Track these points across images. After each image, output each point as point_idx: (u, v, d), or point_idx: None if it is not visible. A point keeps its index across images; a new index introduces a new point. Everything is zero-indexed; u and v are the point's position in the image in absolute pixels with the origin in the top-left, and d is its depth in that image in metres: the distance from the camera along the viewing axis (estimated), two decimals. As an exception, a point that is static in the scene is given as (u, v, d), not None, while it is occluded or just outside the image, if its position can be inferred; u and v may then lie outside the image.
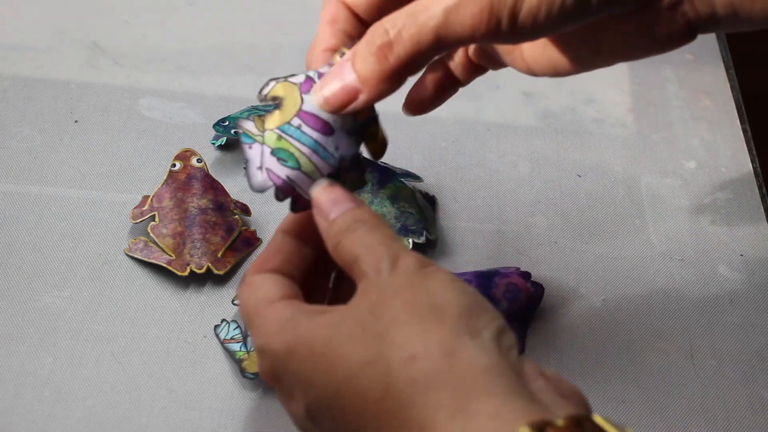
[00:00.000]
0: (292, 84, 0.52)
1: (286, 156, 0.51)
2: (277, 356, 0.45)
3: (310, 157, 0.51)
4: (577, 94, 0.83)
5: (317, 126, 0.51)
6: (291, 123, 0.51)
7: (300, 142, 0.51)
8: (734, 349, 0.65)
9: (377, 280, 0.45)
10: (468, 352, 0.41)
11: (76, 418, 0.58)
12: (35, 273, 0.65)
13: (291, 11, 0.89)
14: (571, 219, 0.73)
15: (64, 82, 0.79)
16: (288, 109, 0.51)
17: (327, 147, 0.52)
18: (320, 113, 0.51)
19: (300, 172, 0.51)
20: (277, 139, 0.51)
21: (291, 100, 0.51)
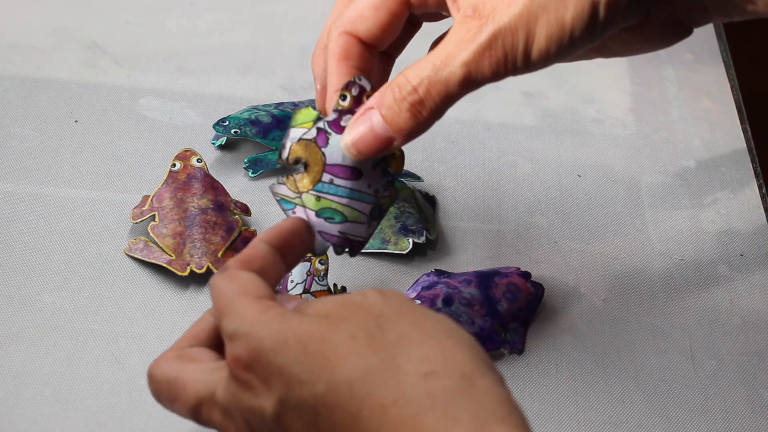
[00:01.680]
0: (308, 141, 0.54)
1: (331, 213, 0.54)
2: (261, 345, 0.44)
3: (351, 206, 0.54)
4: (577, 94, 0.83)
5: (347, 175, 0.54)
6: (323, 180, 0.54)
7: (338, 196, 0.54)
8: (734, 349, 0.65)
9: (367, 301, 0.46)
10: (486, 381, 0.43)
11: (76, 418, 0.58)
12: (35, 273, 0.65)
13: (291, 11, 0.89)
14: (571, 219, 0.73)
15: (64, 82, 0.79)
16: (314, 167, 0.54)
17: (362, 189, 0.54)
18: (344, 162, 0.53)
19: (348, 222, 0.54)
20: (317, 200, 0.54)
21: (313, 157, 0.54)
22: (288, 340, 0.44)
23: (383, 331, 0.44)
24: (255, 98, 0.79)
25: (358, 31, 0.54)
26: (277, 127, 0.74)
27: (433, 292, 0.63)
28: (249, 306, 0.46)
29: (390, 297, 0.46)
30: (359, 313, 0.45)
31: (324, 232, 0.54)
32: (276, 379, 0.44)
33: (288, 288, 0.63)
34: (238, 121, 0.74)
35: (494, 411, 0.42)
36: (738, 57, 0.88)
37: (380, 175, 0.55)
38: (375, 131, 0.52)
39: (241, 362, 0.45)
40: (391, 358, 0.43)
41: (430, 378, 0.42)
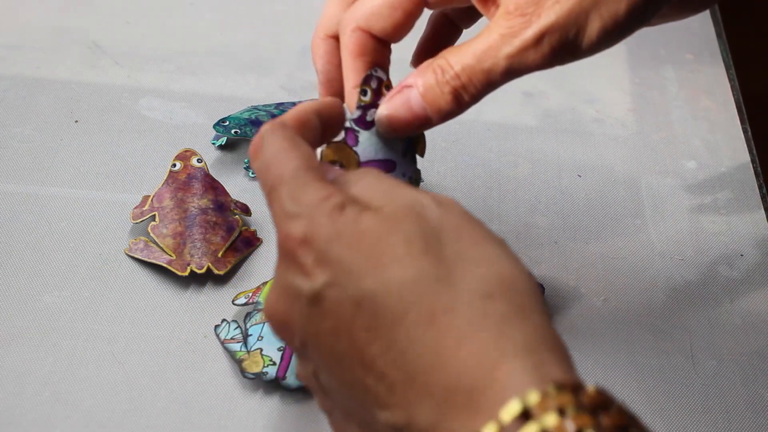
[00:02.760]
0: (338, 144, 0.54)
1: None
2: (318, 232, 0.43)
3: None
4: (578, 94, 0.83)
5: (382, 168, 0.55)
6: None
7: None
8: (734, 349, 0.65)
9: (425, 210, 0.45)
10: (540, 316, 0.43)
11: (76, 418, 0.58)
12: (35, 273, 0.65)
13: (291, 11, 0.89)
14: (571, 219, 0.73)
15: (64, 82, 0.79)
16: (349, 168, 0.54)
17: (397, 179, 0.54)
18: (377, 156, 0.54)
19: None
20: None
21: (346, 158, 0.54)
22: (344, 234, 0.43)
23: (441, 245, 0.43)
24: (255, 98, 0.79)
25: (373, 28, 0.54)
26: (277, 127, 0.74)
27: (434, 292, 0.63)
28: (312, 188, 0.45)
29: (449, 210, 0.45)
30: (418, 219, 0.44)
31: None
32: (324, 264, 0.43)
33: None
34: (238, 121, 0.74)
35: (545, 340, 0.42)
36: (738, 57, 0.88)
37: (410, 162, 0.57)
38: (412, 108, 0.53)
39: (295, 240, 0.44)
40: (447, 271, 0.42)
41: (487, 299, 0.41)
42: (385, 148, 0.55)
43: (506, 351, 0.40)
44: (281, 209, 0.45)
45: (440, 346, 0.41)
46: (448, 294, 0.42)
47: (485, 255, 0.43)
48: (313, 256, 0.44)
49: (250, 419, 0.59)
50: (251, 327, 0.62)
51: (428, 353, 0.41)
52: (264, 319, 0.62)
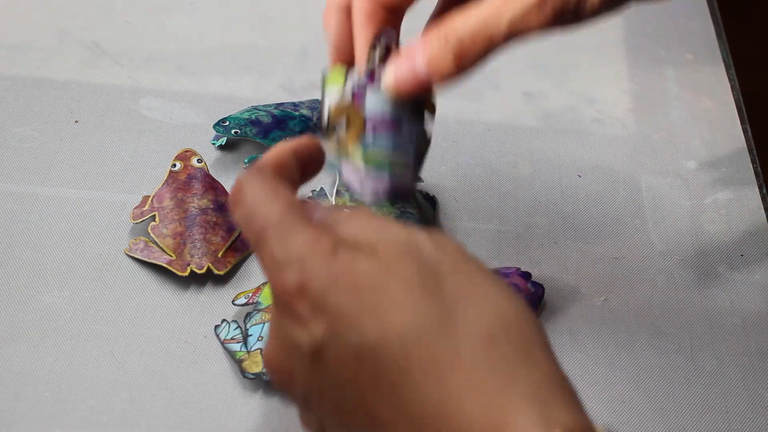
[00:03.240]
0: (345, 105, 0.56)
1: (378, 165, 0.56)
2: (312, 280, 0.42)
3: (395, 156, 0.56)
4: (578, 94, 0.83)
5: (388, 127, 0.56)
6: (365, 135, 0.55)
7: (382, 148, 0.56)
8: (734, 349, 0.65)
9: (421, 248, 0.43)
10: (543, 352, 0.42)
11: (76, 418, 0.58)
12: (35, 273, 0.65)
13: (291, 11, 0.89)
14: (571, 219, 0.73)
15: (64, 82, 0.79)
16: (356, 125, 0.55)
17: (403, 140, 0.56)
18: (384, 115, 0.55)
19: (396, 172, 0.56)
20: (363, 155, 0.56)
21: (353, 116, 0.56)
22: (339, 281, 0.42)
23: (440, 285, 0.42)
24: (255, 98, 0.79)
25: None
26: (278, 127, 0.74)
27: (434, 292, 0.63)
28: (300, 233, 0.44)
29: (445, 248, 0.44)
30: (414, 260, 0.43)
31: (374, 186, 0.56)
32: (322, 313, 0.42)
33: None
34: (238, 121, 0.74)
35: (552, 384, 0.41)
36: (738, 57, 0.88)
37: (418, 124, 0.57)
38: (416, 73, 0.53)
39: (289, 291, 0.43)
40: (448, 315, 0.41)
41: (490, 344, 0.41)
42: (391, 108, 0.56)
43: (512, 399, 0.40)
44: (271, 259, 0.44)
45: (446, 396, 0.40)
46: (451, 339, 0.41)
47: (485, 294, 0.43)
48: (310, 305, 0.43)
49: (250, 419, 0.59)
50: (251, 327, 0.62)
51: (434, 403, 0.40)
52: (264, 319, 0.62)
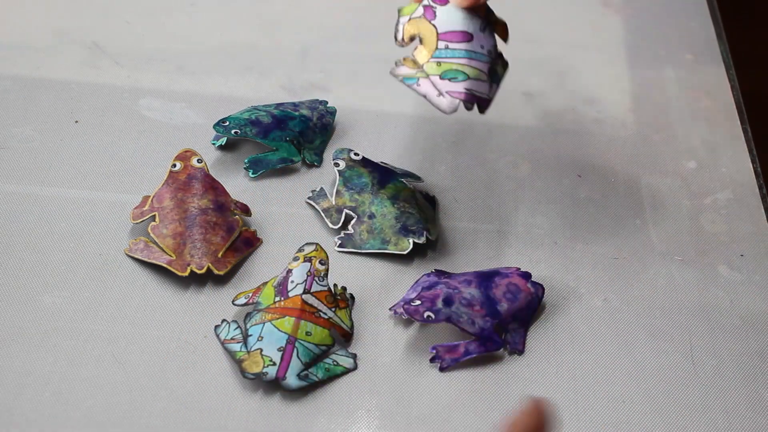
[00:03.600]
0: (417, 18, 0.61)
1: (454, 74, 0.61)
2: None
3: (470, 65, 0.61)
4: (578, 94, 0.83)
5: (460, 38, 0.60)
6: (439, 48, 0.60)
7: (456, 58, 0.61)
8: (734, 349, 0.65)
9: None
10: None
11: (76, 418, 0.58)
12: (35, 273, 0.65)
13: (291, 11, 0.89)
14: (572, 219, 0.73)
15: (64, 82, 0.79)
16: (429, 39, 0.61)
17: (476, 50, 0.61)
18: (455, 27, 0.60)
19: (472, 80, 0.61)
20: (438, 66, 0.60)
21: (426, 30, 0.60)
22: None
23: None
24: (255, 98, 0.79)
25: None
26: (278, 127, 0.74)
27: (434, 293, 0.63)
28: None
29: None
30: None
31: (451, 91, 0.61)
32: None
33: (288, 288, 0.63)
34: (238, 121, 0.74)
35: None
36: (738, 57, 0.88)
37: (489, 37, 0.61)
38: None
39: None
40: None
41: None
42: (463, 21, 0.60)
43: None
44: None
45: None
46: None
47: None
48: None
49: (250, 419, 0.59)
50: (251, 327, 0.62)
51: None
52: (264, 319, 0.62)
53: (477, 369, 0.63)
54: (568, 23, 0.91)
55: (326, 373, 0.62)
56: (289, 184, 0.73)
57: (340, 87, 0.82)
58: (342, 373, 0.62)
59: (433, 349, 0.63)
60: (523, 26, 0.90)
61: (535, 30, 0.89)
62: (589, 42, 0.89)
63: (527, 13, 0.91)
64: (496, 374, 0.63)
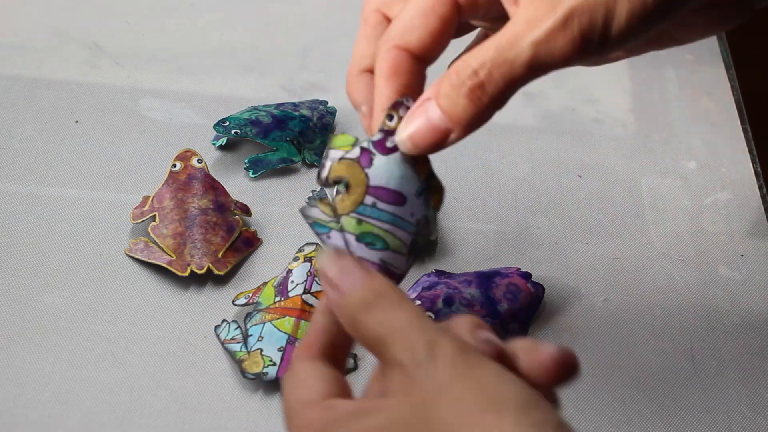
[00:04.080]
0: (350, 161, 0.50)
1: (372, 239, 0.50)
2: None
3: (393, 233, 0.51)
4: (578, 94, 0.83)
5: (391, 199, 0.50)
6: (365, 203, 0.50)
7: (380, 221, 0.50)
8: (734, 350, 0.65)
9: (417, 373, 0.41)
10: None
11: (76, 418, 0.58)
12: (35, 273, 0.65)
13: (291, 11, 0.89)
14: (572, 219, 0.73)
15: (64, 82, 0.79)
16: (357, 189, 0.50)
17: (405, 217, 0.51)
18: (389, 185, 0.50)
19: (390, 251, 0.50)
20: (357, 224, 0.50)
21: (356, 178, 0.50)
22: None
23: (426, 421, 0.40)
24: (255, 98, 0.79)
25: (409, 43, 0.50)
26: (278, 127, 0.74)
27: (434, 293, 0.63)
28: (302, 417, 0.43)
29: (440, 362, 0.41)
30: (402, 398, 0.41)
31: (364, 258, 0.50)
32: None
33: (288, 288, 0.63)
34: (238, 121, 0.74)
35: None
36: (738, 57, 0.88)
37: (422, 206, 0.52)
38: (432, 122, 0.48)
39: None
40: None
41: None
42: (398, 180, 0.51)
43: None
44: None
45: None
46: None
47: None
48: None
49: (250, 419, 0.59)
50: (251, 327, 0.62)
51: None
52: (264, 319, 0.62)
53: (477, 369, 0.63)
54: (568, 23, 0.91)
55: (326, 373, 0.62)
56: (289, 184, 0.73)
57: (340, 87, 0.81)
58: (342, 373, 0.62)
59: (433, 349, 0.63)
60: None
61: (535, 30, 0.89)
62: (589, 42, 0.89)
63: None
64: (496, 374, 0.63)
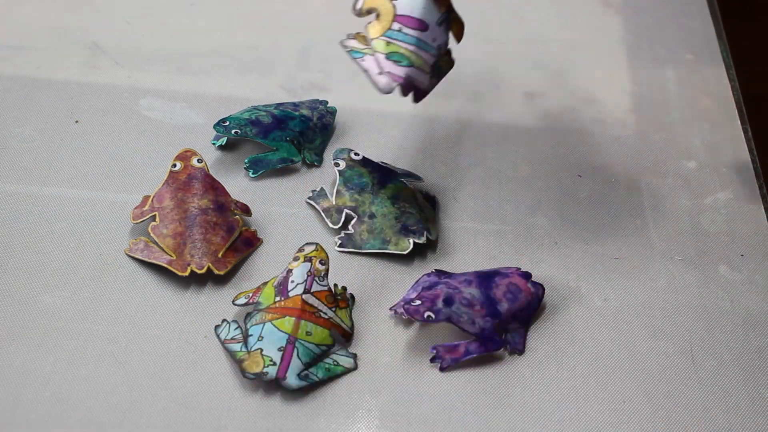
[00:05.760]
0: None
1: (399, 57, 0.62)
2: None
3: (418, 53, 0.62)
4: (578, 94, 0.83)
5: (415, 25, 0.62)
6: (392, 28, 0.62)
7: (406, 43, 0.62)
8: (734, 349, 0.65)
9: None
10: None
11: (76, 418, 0.58)
12: (36, 273, 0.65)
13: (291, 11, 0.89)
14: (572, 219, 0.73)
15: (64, 82, 0.79)
16: (385, 17, 0.62)
17: (427, 41, 0.62)
18: (413, 13, 0.62)
19: (414, 68, 0.62)
20: (386, 45, 0.62)
21: (384, 8, 0.62)
22: None
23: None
24: (255, 98, 0.79)
25: None
26: (278, 127, 0.74)
27: (434, 293, 0.63)
28: None
29: None
30: None
31: (392, 73, 0.62)
32: None
33: (288, 288, 0.63)
34: (238, 121, 0.74)
35: None
36: (738, 57, 0.88)
37: (443, 32, 0.63)
38: None
39: None
40: None
41: None
42: (421, 11, 0.62)
43: None
44: None
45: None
46: None
47: None
48: None
49: (250, 419, 0.59)
50: (251, 327, 0.62)
51: None
52: (264, 319, 0.62)
53: (477, 369, 0.63)
54: (568, 23, 0.91)
55: (326, 373, 0.62)
56: (289, 184, 0.73)
57: (340, 87, 0.82)
58: (342, 373, 0.62)
59: (433, 349, 0.63)
60: (523, 26, 0.90)
61: (535, 30, 0.89)
62: (589, 42, 0.89)
63: (527, 13, 0.91)
64: (496, 374, 0.63)
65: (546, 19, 0.91)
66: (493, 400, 0.61)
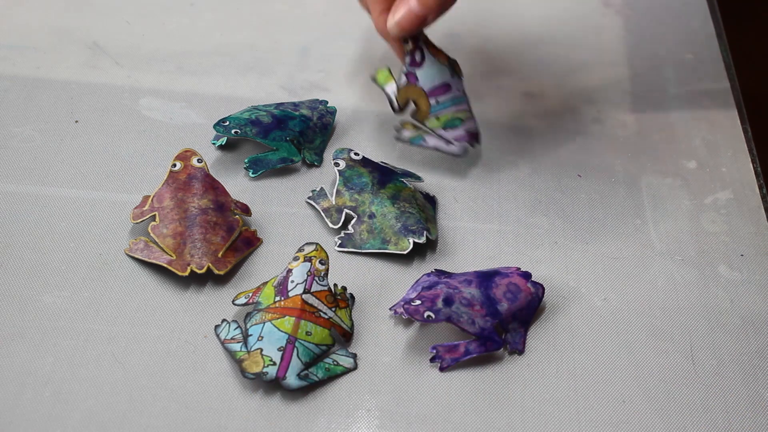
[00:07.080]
0: (405, 84, 0.72)
1: (452, 122, 0.73)
2: None
3: (460, 109, 0.73)
4: (577, 94, 0.83)
5: (443, 91, 0.72)
6: (431, 104, 0.72)
7: (447, 108, 0.72)
8: (734, 349, 0.65)
9: None
10: None
11: (76, 418, 0.58)
12: (35, 273, 0.65)
13: (291, 11, 0.89)
14: (571, 219, 0.73)
15: (64, 82, 0.79)
16: (422, 101, 0.72)
17: (456, 95, 0.72)
18: (436, 83, 0.71)
19: (465, 122, 0.73)
20: (437, 119, 0.72)
21: (416, 94, 0.72)
22: None
23: None
24: (255, 98, 0.79)
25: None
26: (278, 127, 0.74)
27: (434, 293, 0.63)
28: None
29: None
30: None
31: (457, 137, 0.72)
32: None
33: (288, 288, 0.63)
34: (238, 121, 0.74)
35: None
36: (738, 57, 0.88)
37: (458, 79, 0.73)
38: (412, 11, 0.68)
39: None
40: None
41: None
42: (438, 75, 0.71)
43: None
44: None
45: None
46: None
47: None
48: None
49: (250, 419, 0.59)
50: (251, 327, 0.62)
51: None
52: (264, 319, 0.62)
53: (477, 369, 0.63)
54: (568, 23, 0.91)
55: (326, 373, 0.62)
56: (289, 184, 0.73)
57: (340, 87, 0.82)
58: (342, 373, 0.62)
59: (433, 349, 0.63)
60: (523, 26, 0.90)
61: (535, 30, 0.89)
62: (589, 42, 0.89)
63: (527, 13, 0.91)
64: (496, 374, 0.63)
65: (546, 19, 0.91)
66: (492, 399, 0.61)
